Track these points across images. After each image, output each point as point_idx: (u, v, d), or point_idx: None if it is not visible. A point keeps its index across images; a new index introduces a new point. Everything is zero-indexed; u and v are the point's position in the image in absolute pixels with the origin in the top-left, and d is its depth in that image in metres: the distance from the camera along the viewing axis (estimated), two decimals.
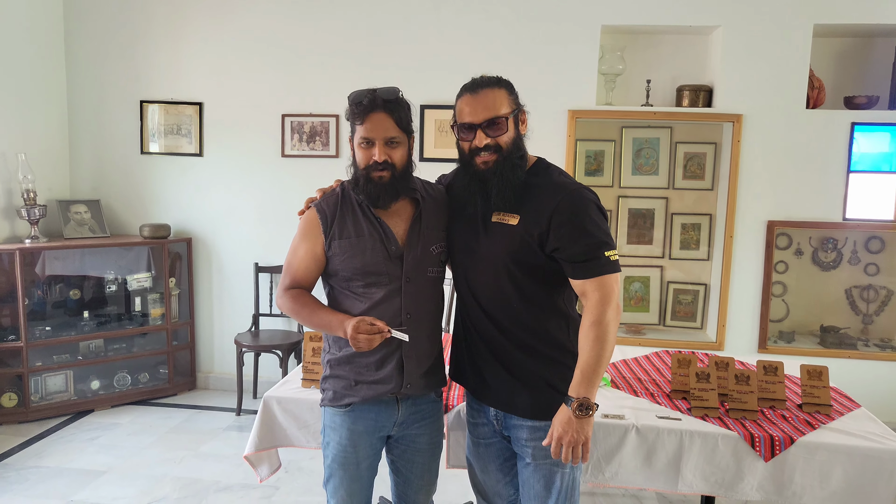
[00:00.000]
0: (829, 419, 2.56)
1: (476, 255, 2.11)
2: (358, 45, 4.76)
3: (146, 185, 5.11)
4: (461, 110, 2.06)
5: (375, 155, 2.02)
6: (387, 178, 2.04)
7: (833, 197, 4.49)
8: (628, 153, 4.89)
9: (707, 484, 2.43)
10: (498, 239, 2.06)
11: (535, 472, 2.11)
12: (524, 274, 2.05)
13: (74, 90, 5.08)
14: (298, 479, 3.75)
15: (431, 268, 2.15)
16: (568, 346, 2.10)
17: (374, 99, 2.03)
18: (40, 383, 4.56)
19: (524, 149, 2.09)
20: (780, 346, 4.66)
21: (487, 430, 2.24)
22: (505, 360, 2.11)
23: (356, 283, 2.10)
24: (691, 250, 4.92)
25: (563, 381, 2.05)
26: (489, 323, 2.12)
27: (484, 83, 2.05)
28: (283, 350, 4.60)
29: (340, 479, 2.19)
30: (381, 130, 2.02)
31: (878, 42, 4.63)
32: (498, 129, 2.01)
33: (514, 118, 2.05)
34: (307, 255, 2.14)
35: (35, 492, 3.55)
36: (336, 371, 2.17)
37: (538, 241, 2.01)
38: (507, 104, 2.03)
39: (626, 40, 4.70)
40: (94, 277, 4.88)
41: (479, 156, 2.04)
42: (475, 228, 2.12)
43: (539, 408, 2.07)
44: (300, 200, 2.27)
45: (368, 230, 2.09)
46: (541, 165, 2.14)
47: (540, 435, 2.07)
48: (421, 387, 2.16)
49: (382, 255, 2.08)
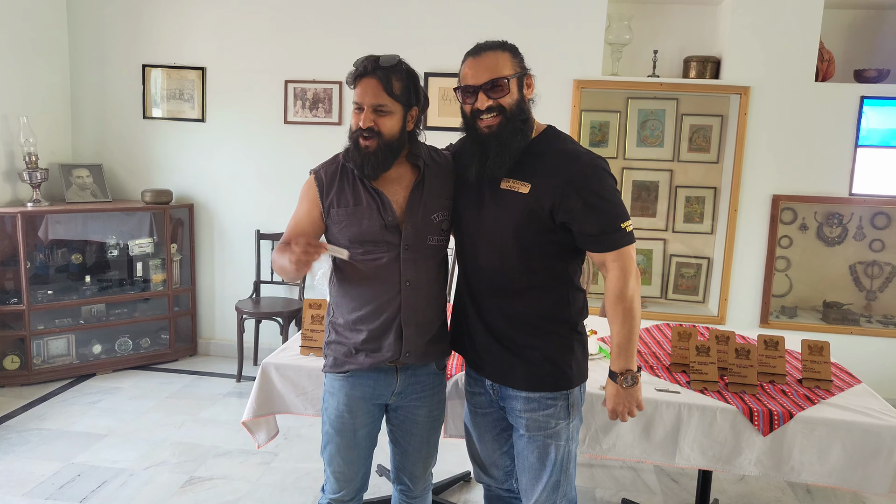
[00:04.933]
0: (829, 394, 2.55)
1: (482, 223, 2.08)
2: (362, 11, 4.70)
3: (148, 150, 5.08)
4: (464, 74, 2.03)
5: (362, 120, 2.00)
6: (372, 148, 2.00)
7: (840, 171, 4.45)
8: (633, 124, 4.84)
9: (705, 458, 2.44)
10: (506, 207, 2.02)
11: (528, 443, 2.11)
12: (532, 243, 2.02)
13: (77, 53, 5.03)
14: (297, 445, 3.77)
15: (432, 236, 2.12)
16: (568, 318, 2.09)
17: (368, 64, 2.00)
18: (42, 346, 4.58)
19: (528, 113, 2.05)
20: (782, 321, 4.65)
21: (484, 399, 2.24)
22: (501, 332, 2.10)
23: (355, 250, 2.08)
24: (695, 223, 4.89)
25: (559, 351, 2.06)
26: (490, 292, 2.10)
27: (487, 46, 2.02)
28: (283, 317, 4.61)
29: (337, 446, 2.19)
30: (370, 96, 1.99)
31: (889, 14, 4.55)
32: (500, 90, 1.98)
33: (518, 81, 2.01)
34: (305, 218, 2.14)
35: (36, 454, 3.58)
36: (337, 337, 2.17)
37: (549, 210, 1.98)
38: (509, 66, 1.99)
39: (633, 10, 4.63)
40: (96, 242, 4.88)
41: (481, 119, 2.00)
42: (481, 195, 2.08)
43: (533, 380, 2.07)
44: (302, 168, 2.25)
45: (366, 199, 2.08)
46: (551, 133, 2.10)
47: (534, 406, 2.08)
48: (421, 355, 2.14)
49: (379, 224, 2.06)
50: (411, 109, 2.07)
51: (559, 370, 2.07)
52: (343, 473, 2.20)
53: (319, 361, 2.66)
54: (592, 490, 3.41)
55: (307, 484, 3.39)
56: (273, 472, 3.50)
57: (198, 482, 3.38)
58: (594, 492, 3.39)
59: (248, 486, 3.35)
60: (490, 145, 2.00)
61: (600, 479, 3.51)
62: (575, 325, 2.12)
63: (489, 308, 2.11)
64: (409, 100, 2.05)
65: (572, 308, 2.10)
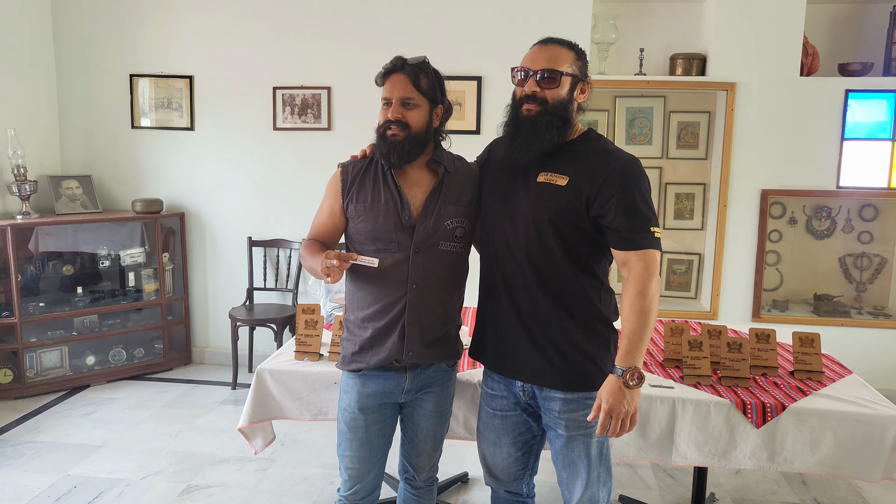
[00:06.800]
0: (820, 385, 2.57)
1: (516, 215, 2.08)
2: (349, 16, 4.70)
3: (138, 159, 5.07)
4: (526, 58, 2.08)
5: (391, 113, 2.08)
6: (399, 138, 2.08)
7: (827, 165, 4.48)
8: (622, 123, 4.87)
9: (701, 454, 2.44)
10: (542, 198, 2.04)
11: (569, 443, 2.11)
12: (569, 235, 2.04)
13: (63, 64, 5.01)
14: (294, 451, 3.77)
15: (445, 242, 2.15)
16: (602, 313, 2.10)
17: (397, 62, 2.11)
18: (35, 359, 4.57)
19: (571, 115, 2.07)
20: (773, 314, 4.68)
21: (507, 402, 2.22)
22: (539, 328, 2.09)
23: (368, 247, 2.14)
24: (685, 220, 4.92)
25: (598, 350, 2.07)
26: (525, 285, 2.09)
27: (555, 40, 2.08)
28: (277, 323, 4.61)
29: (350, 443, 2.22)
30: (398, 90, 2.08)
31: (872, 8, 4.59)
32: (551, 81, 2.02)
33: (573, 81, 2.05)
34: (327, 212, 2.23)
35: (31, 467, 3.57)
36: (348, 334, 2.24)
37: (585, 204, 2.00)
38: (569, 64, 2.04)
39: (618, 8, 4.65)
40: (87, 253, 4.86)
41: (525, 104, 2.04)
42: (515, 188, 2.11)
43: (573, 379, 2.07)
44: (293, 173, 2.28)
45: (385, 197, 2.13)
46: (591, 134, 2.13)
47: (573, 407, 2.07)
48: (425, 356, 2.17)
49: (394, 222, 2.11)
50: (437, 107, 2.15)
51: (598, 368, 2.07)
52: (356, 470, 2.23)
53: (314, 366, 2.67)
54: None
55: (304, 489, 3.39)
56: (270, 478, 3.50)
57: (195, 490, 3.37)
58: None
59: (246, 493, 3.35)
60: (523, 128, 2.04)
61: None
62: (611, 324, 2.13)
63: (526, 304, 2.10)
64: (435, 97, 2.14)
65: (607, 307, 2.12)
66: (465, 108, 4.65)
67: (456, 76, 4.51)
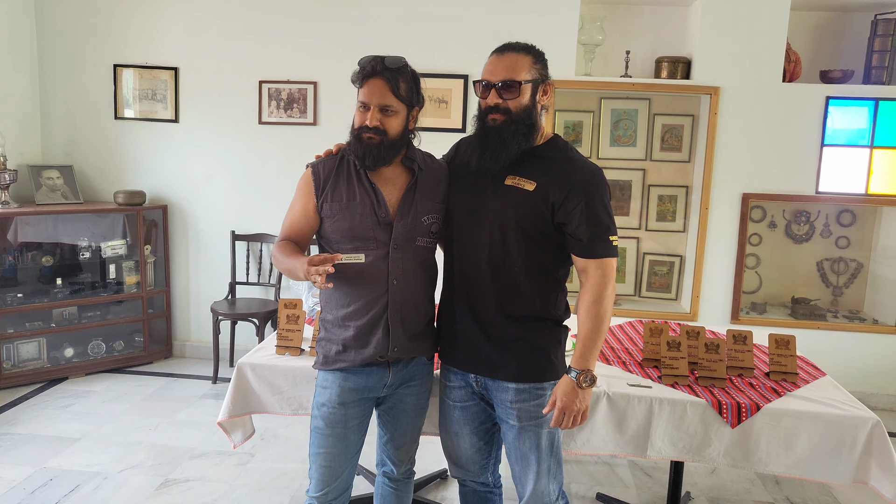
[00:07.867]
0: (794, 387, 2.61)
1: (483, 216, 2.14)
2: (336, 10, 4.70)
3: (120, 151, 5.04)
4: (485, 69, 2.12)
5: (368, 119, 2.06)
6: (376, 142, 2.07)
7: (807, 170, 4.54)
8: (606, 124, 4.90)
9: (675, 450, 2.48)
10: (509, 201, 2.10)
11: (520, 433, 2.16)
12: (531, 238, 2.10)
13: (45, 53, 4.97)
14: (273, 446, 3.77)
15: (421, 237, 2.18)
16: (554, 313, 2.18)
17: (376, 65, 2.06)
18: (12, 350, 4.53)
19: (536, 120, 2.12)
20: (752, 317, 4.73)
21: (464, 392, 2.28)
22: (493, 326, 2.16)
23: (345, 245, 2.13)
24: (667, 222, 4.96)
25: (549, 344, 2.15)
26: (483, 283, 2.15)
27: (511, 47, 2.11)
28: (259, 318, 4.60)
29: (325, 439, 2.19)
30: (377, 97, 2.06)
31: (854, 16, 4.65)
32: (511, 91, 2.06)
33: (534, 86, 2.09)
34: (300, 212, 2.20)
35: (7, 458, 3.54)
36: (326, 334, 2.22)
37: (551, 210, 2.07)
38: (527, 71, 2.08)
39: (605, 11, 4.68)
40: (68, 244, 4.82)
41: (490, 114, 2.09)
42: (482, 189, 2.15)
43: (525, 371, 2.14)
44: (277, 168, 2.28)
45: (361, 195, 2.13)
46: (558, 142, 2.19)
47: (525, 397, 2.14)
48: (408, 350, 2.20)
49: (371, 220, 2.11)
50: (413, 109, 2.16)
51: (549, 361, 2.16)
52: (329, 469, 2.20)
53: (295, 361, 2.67)
54: (567, 485, 3.44)
55: (284, 484, 3.39)
56: (250, 472, 3.50)
57: (173, 484, 3.36)
58: (569, 487, 3.43)
59: (225, 487, 3.34)
60: (490, 138, 2.09)
61: (575, 475, 3.55)
62: (561, 322, 2.22)
63: (484, 303, 2.16)
64: (413, 100, 2.14)
65: (560, 307, 2.20)
66: (451, 106, 4.65)
67: (442, 74, 4.51)
